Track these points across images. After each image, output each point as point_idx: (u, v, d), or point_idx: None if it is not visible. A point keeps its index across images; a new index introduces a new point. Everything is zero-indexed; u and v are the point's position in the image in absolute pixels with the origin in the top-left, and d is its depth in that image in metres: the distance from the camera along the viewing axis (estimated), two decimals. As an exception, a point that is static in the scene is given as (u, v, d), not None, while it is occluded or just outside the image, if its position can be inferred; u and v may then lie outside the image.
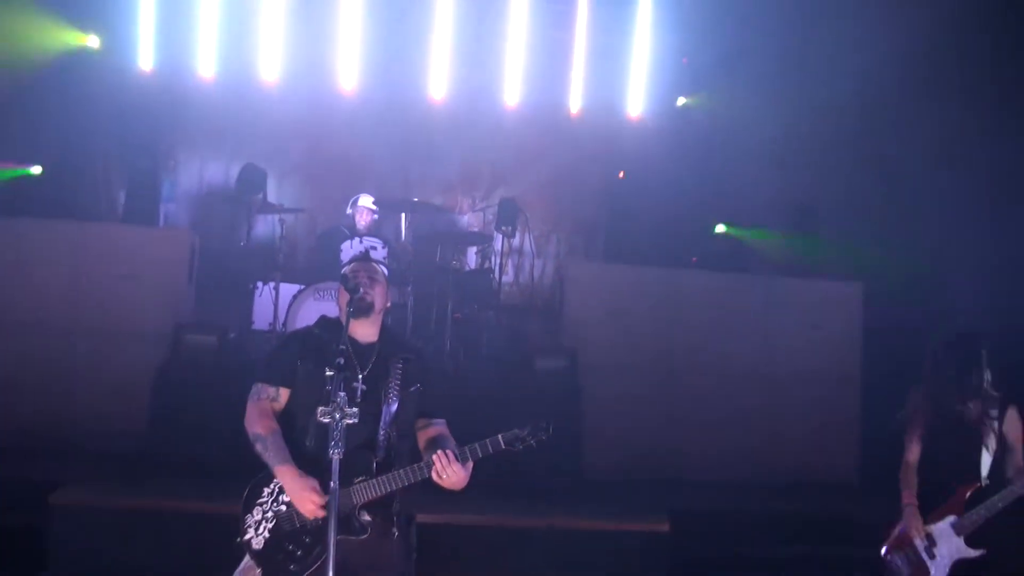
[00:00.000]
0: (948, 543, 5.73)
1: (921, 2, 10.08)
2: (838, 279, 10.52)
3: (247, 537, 4.42)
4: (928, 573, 5.73)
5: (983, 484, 5.78)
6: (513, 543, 7.10)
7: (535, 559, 7.05)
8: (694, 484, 9.12)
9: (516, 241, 11.20)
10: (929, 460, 5.88)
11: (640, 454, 9.35)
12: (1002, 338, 6.26)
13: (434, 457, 4.31)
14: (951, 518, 5.75)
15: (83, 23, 11.10)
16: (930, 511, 5.78)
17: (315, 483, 4.32)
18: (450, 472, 4.30)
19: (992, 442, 5.82)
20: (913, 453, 5.94)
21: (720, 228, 11.96)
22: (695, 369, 9.71)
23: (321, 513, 4.29)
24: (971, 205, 10.21)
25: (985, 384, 5.82)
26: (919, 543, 5.76)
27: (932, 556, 5.74)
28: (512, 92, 11.87)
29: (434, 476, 4.32)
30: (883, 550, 5.94)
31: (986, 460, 5.82)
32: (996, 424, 5.82)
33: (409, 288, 9.74)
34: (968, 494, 5.73)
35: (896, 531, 5.91)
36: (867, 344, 10.10)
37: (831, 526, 8.12)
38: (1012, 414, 5.85)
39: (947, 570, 5.71)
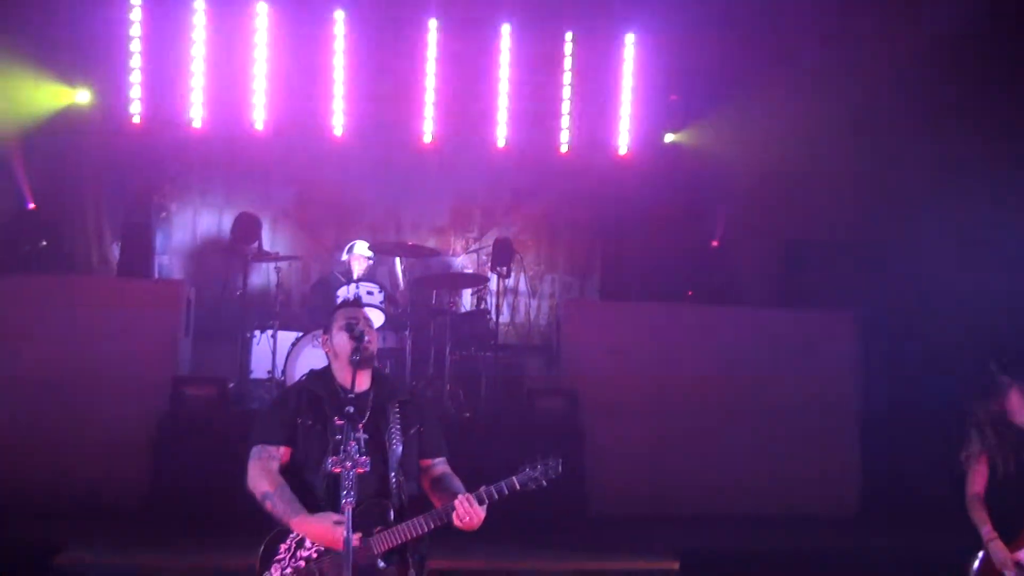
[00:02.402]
0: None
1: (911, 23, 10.19)
2: (832, 309, 10.54)
3: (268, 596, 4.39)
4: None
5: None
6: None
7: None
8: (697, 519, 9.09)
9: (511, 281, 11.21)
10: (1003, 476, 5.76)
11: (642, 491, 9.32)
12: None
13: (456, 502, 4.32)
14: None
15: (72, 77, 11.13)
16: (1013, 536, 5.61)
17: (333, 516, 4.29)
18: (472, 515, 4.31)
19: None
20: (978, 484, 5.81)
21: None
22: (695, 403, 9.67)
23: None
24: (965, 233, 10.22)
25: None
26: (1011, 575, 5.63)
27: None
28: (501, 133, 11.92)
29: (455, 520, 4.32)
30: None
31: None
32: None
33: (407, 332, 9.73)
34: None
35: (985, 565, 5.77)
36: (863, 373, 10.10)
37: (835, 559, 8.06)
38: None
39: None
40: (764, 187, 11.54)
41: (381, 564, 4.36)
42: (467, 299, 11.19)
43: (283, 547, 4.43)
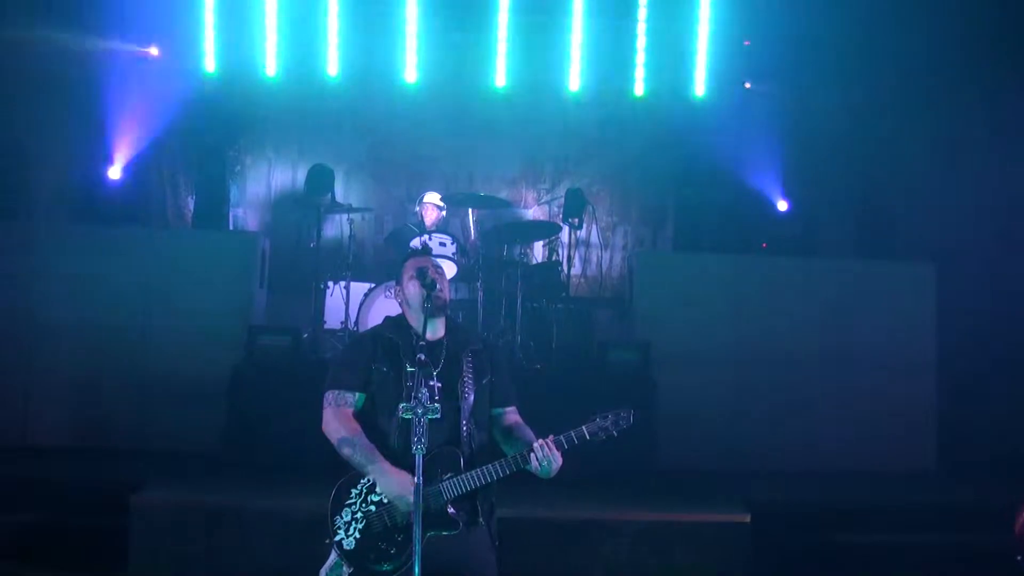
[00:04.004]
0: None
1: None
2: (911, 261, 10.34)
3: (338, 538, 4.42)
4: None
5: None
6: (589, 537, 7.04)
7: (613, 553, 6.98)
8: (769, 474, 8.99)
9: (583, 233, 11.13)
10: None
11: (714, 444, 9.26)
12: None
13: (536, 445, 4.32)
14: None
15: (144, 30, 11.24)
16: None
17: (410, 476, 4.32)
18: (553, 458, 4.31)
19: None
20: None
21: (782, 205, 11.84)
22: (768, 357, 9.58)
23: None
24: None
25: None
26: None
27: None
28: (574, 80, 11.75)
29: (533, 463, 4.32)
30: (1019, 534, 5.65)
31: None
32: None
33: (479, 283, 9.73)
34: None
35: None
36: (942, 327, 9.89)
37: (911, 514, 7.95)
38: None
39: None
40: (842, 135, 11.35)
41: (451, 511, 4.38)
42: (538, 251, 11.16)
43: (354, 491, 4.46)
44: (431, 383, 4.45)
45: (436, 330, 4.67)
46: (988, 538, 6.74)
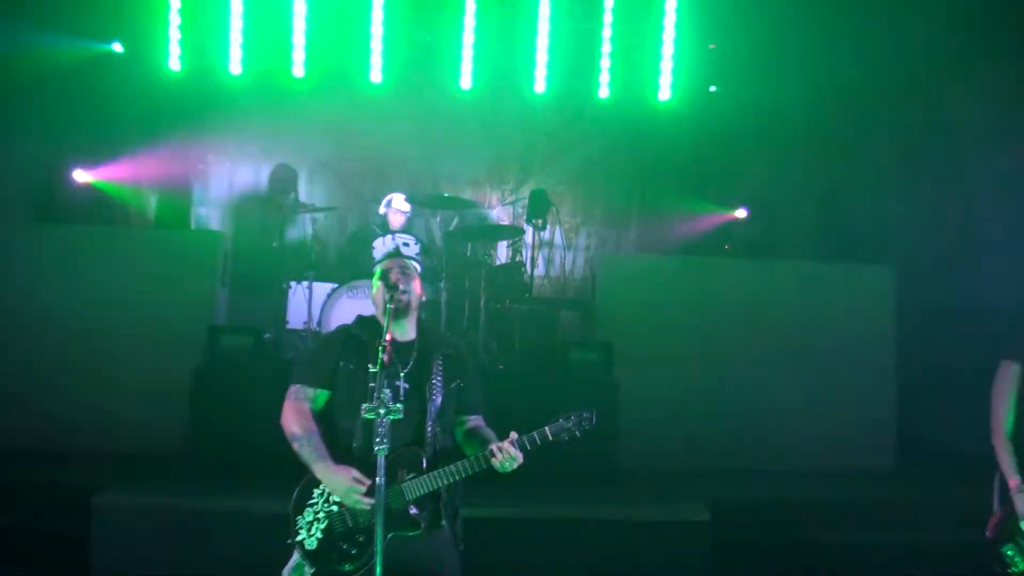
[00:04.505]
0: None
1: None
2: (871, 263, 10.46)
3: (300, 538, 4.45)
4: None
5: None
6: (552, 536, 7.08)
7: (574, 552, 7.04)
8: (730, 473, 9.08)
9: (546, 234, 11.18)
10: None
11: (675, 444, 9.31)
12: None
13: (497, 447, 4.36)
14: None
15: (108, 29, 11.15)
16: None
17: (353, 471, 4.35)
18: (515, 458, 4.36)
19: None
20: (1003, 420, 5.75)
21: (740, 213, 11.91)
22: (729, 357, 9.66)
23: (367, 500, 4.32)
24: (1006, 183, 10.09)
25: None
26: None
27: None
28: (540, 80, 11.77)
29: (495, 460, 4.36)
30: (991, 539, 5.73)
31: None
32: None
33: (442, 284, 9.75)
34: None
35: (1002, 517, 5.72)
36: (901, 328, 10.02)
37: (871, 512, 8.06)
38: None
39: None
40: (805, 138, 11.46)
41: (413, 510, 4.40)
42: (502, 251, 11.19)
43: (316, 491, 4.50)
44: (398, 383, 4.48)
45: (406, 331, 4.72)
46: (947, 536, 6.85)
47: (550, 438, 4.43)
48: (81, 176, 10.91)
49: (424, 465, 4.44)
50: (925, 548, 7.37)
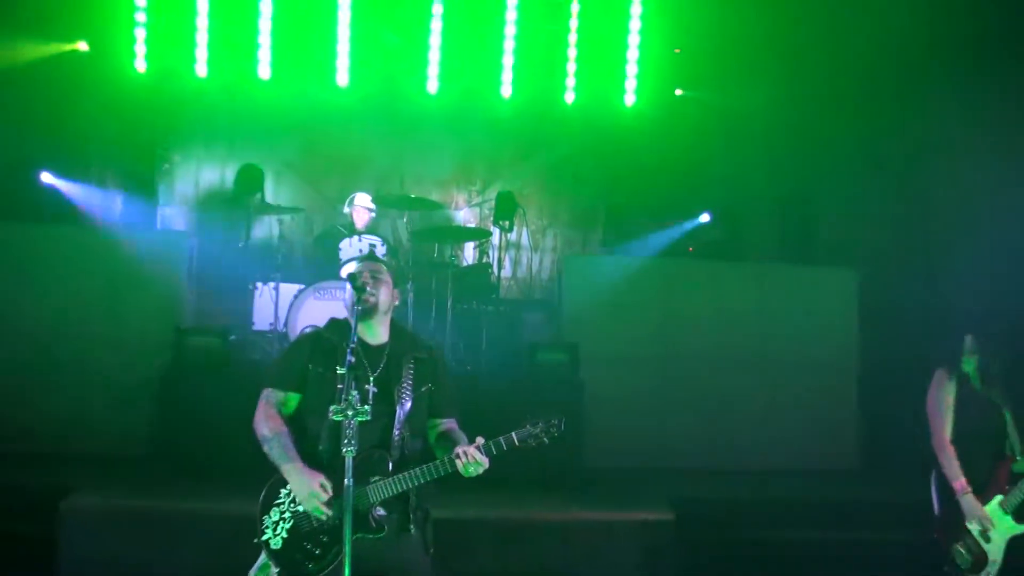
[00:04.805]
0: (999, 523, 5.70)
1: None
2: (833, 266, 10.58)
3: (265, 537, 4.47)
4: (986, 558, 5.68)
5: (1018, 459, 5.78)
6: (517, 536, 7.11)
7: (539, 552, 7.07)
8: (696, 473, 9.17)
9: (513, 235, 11.22)
10: (959, 442, 5.84)
11: (640, 444, 9.40)
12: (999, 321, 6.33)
13: (459, 449, 4.37)
14: (997, 497, 5.72)
15: (73, 29, 11.06)
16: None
17: (321, 478, 4.37)
18: (480, 463, 4.37)
19: (1011, 420, 5.84)
20: (946, 426, 5.90)
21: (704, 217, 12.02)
22: (694, 358, 9.78)
23: (326, 510, 4.34)
24: (969, 191, 10.21)
25: (999, 366, 5.84)
26: (975, 528, 5.72)
27: (988, 540, 5.69)
28: (506, 85, 11.82)
29: (459, 464, 4.37)
30: (939, 539, 5.86)
31: (1014, 437, 5.83)
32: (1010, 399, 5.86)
33: (409, 285, 9.77)
34: (1009, 470, 5.73)
35: (946, 518, 5.85)
36: (863, 329, 10.15)
37: (833, 511, 8.15)
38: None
39: (1003, 551, 5.69)
40: (769, 142, 11.57)
41: (378, 514, 4.42)
42: (469, 253, 11.21)
43: (283, 491, 4.50)
44: (367, 387, 4.49)
45: (378, 335, 4.74)
46: (908, 535, 6.95)
47: (516, 444, 4.44)
48: (48, 179, 10.82)
49: (390, 468, 4.45)
50: (886, 545, 7.45)
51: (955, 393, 5.92)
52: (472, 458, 4.35)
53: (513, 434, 4.45)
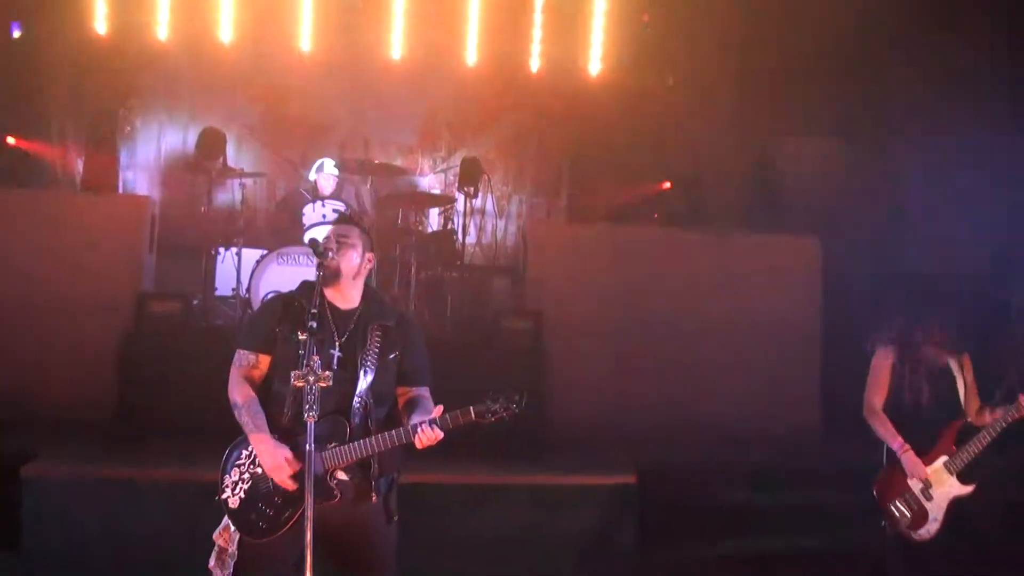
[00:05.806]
0: (943, 483, 5.79)
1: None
2: (797, 233, 10.63)
3: (224, 496, 4.46)
4: (927, 515, 5.77)
5: (967, 421, 5.89)
6: (481, 500, 7.16)
7: (503, 515, 7.13)
8: (659, 440, 9.16)
9: (478, 202, 11.20)
10: (912, 404, 5.92)
11: (605, 412, 9.42)
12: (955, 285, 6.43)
13: (418, 425, 4.31)
14: (943, 458, 5.81)
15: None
16: (919, 453, 5.81)
17: (288, 453, 4.35)
18: (434, 436, 4.33)
19: (962, 383, 5.95)
20: (881, 399, 6.00)
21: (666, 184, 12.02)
22: (658, 325, 9.76)
23: (290, 483, 4.33)
24: (931, 160, 10.28)
25: (950, 329, 5.93)
26: (916, 486, 5.82)
27: (929, 498, 5.78)
28: (471, 51, 11.78)
29: (416, 443, 4.34)
30: (878, 497, 5.96)
31: (964, 402, 5.95)
32: (960, 366, 5.97)
33: (372, 251, 9.70)
34: (956, 432, 5.83)
35: (888, 477, 5.95)
36: (826, 297, 10.22)
37: (797, 474, 8.23)
38: (966, 358, 6.00)
39: (944, 510, 5.78)
40: (734, 110, 11.58)
41: (334, 480, 4.38)
42: (434, 219, 11.19)
43: (245, 453, 4.48)
44: (332, 351, 4.47)
45: (349, 299, 4.68)
46: (868, 496, 7.04)
47: (473, 418, 4.37)
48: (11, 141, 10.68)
49: (348, 435, 4.43)
50: (848, 507, 7.54)
51: (898, 365, 6.01)
52: (426, 433, 4.32)
53: (471, 408, 4.37)
